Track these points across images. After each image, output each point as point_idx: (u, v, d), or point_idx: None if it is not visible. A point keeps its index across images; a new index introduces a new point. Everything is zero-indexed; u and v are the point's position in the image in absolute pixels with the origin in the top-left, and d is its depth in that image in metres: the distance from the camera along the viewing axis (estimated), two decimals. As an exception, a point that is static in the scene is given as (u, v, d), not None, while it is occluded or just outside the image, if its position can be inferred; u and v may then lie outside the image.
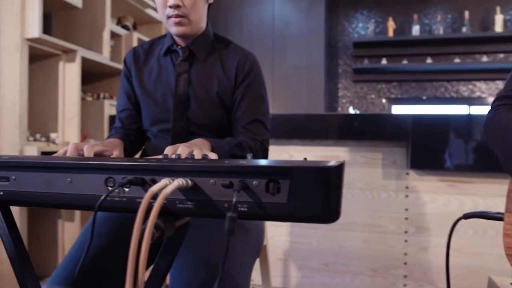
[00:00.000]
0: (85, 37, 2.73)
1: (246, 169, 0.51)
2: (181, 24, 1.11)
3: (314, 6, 4.53)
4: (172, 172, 0.53)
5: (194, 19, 1.13)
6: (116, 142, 1.08)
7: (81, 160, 0.59)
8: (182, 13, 1.10)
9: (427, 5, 4.81)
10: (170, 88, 1.18)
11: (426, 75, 4.79)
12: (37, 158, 0.62)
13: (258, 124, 1.18)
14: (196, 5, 1.12)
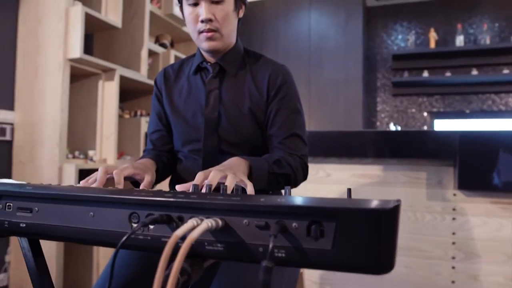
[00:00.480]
0: (124, 55, 2.79)
1: (284, 209, 0.45)
2: (213, 39, 1.08)
3: (352, 19, 4.43)
4: (201, 210, 0.48)
5: (226, 33, 1.09)
6: (148, 164, 1.04)
7: (104, 193, 0.55)
8: (214, 27, 1.06)
9: (471, 14, 4.59)
10: (200, 106, 1.14)
11: (471, 88, 4.54)
12: (60, 190, 0.59)
13: (296, 138, 1.12)
14: (228, 19, 1.08)
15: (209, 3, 1.04)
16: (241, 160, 0.93)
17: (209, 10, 1.04)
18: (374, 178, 2.28)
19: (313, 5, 4.56)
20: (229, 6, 1.07)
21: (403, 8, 4.83)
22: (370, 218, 0.42)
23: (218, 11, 1.05)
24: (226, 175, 0.76)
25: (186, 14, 1.10)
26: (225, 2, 1.06)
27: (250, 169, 0.92)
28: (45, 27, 2.31)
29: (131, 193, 0.53)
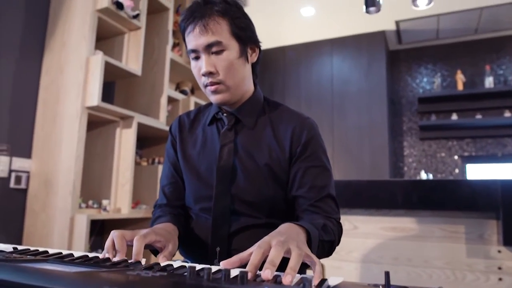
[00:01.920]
0: (144, 102, 2.77)
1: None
2: (218, 92, 0.98)
3: (374, 62, 4.37)
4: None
5: (233, 84, 0.99)
6: (170, 229, 0.93)
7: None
8: (217, 80, 0.97)
9: (499, 54, 4.45)
10: (215, 160, 1.03)
11: (505, 130, 4.31)
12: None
13: (329, 200, 1.00)
14: (231, 69, 0.98)
15: (208, 54, 0.96)
16: (298, 228, 0.80)
17: (208, 63, 0.96)
18: (406, 231, 2.08)
19: (335, 49, 4.54)
20: (231, 55, 0.97)
21: (427, 51, 4.75)
22: None
23: (219, 62, 0.96)
24: (289, 249, 0.64)
25: (191, 68, 1.02)
26: (225, 50, 0.96)
27: (309, 238, 0.80)
28: (66, 76, 2.33)
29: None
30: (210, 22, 0.94)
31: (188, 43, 0.98)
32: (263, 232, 0.97)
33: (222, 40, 0.95)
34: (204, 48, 0.95)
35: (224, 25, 0.96)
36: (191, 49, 0.97)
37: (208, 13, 0.94)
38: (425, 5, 2.49)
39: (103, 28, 2.45)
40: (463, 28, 4.27)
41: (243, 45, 1.00)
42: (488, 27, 4.23)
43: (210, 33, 0.94)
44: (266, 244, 0.65)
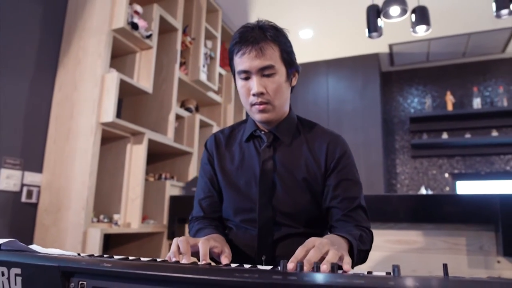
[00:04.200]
0: (152, 119, 2.84)
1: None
2: (265, 111, 1.07)
3: (369, 83, 4.55)
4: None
5: (278, 105, 1.08)
6: (222, 237, 1.01)
7: (194, 274, 0.51)
8: (266, 100, 1.06)
9: (486, 77, 4.69)
10: (254, 175, 1.11)
11: (493, 149, 4.50)
12: (147, 268, 0.54)
13: (361, 211, 1.08)
14: (280, 91, 1.07)
15: (260, 76, 1.04)
16: (341, 238, 0.90)
17: (260, 84, 1.04)
18: (410, 244, 2.18)
19: (331, 70, 4.70)
20: (280, 78, 1.06)
21: (417, 73, 4.96)
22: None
23: (270, 84, 1.05)
24: (327, 251, 0.73)
25: (238, 87, 1.10)
26: (276, 74, 1.05)
27: (350, 248, 0.90)
28: (80, 92, 2.39)
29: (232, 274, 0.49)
30: (265, 47, 1.03)
31: (239, 64, 1.05)
32: (301, 241, 1.06)
33: (275, 64, 1.04)
34: (257, 70, 1.03)
35: (276, 50, 1.05)
36: (243, 70, 1.05)
37: (262, 38, 1.03)
38: (423, 32, 2.66)
39: (116, 47, 2.54)
40: (452, 52, 4.50)
41: (289, 69, 1.10)
42: (475, 51, 4.47)
43: (265, 57, 1.03)
44: (310, 244, 0.75)
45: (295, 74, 1.14)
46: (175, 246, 0.83)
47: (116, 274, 0.56)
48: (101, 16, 2.42)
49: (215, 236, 1.00)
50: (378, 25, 2.63)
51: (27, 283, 0.61)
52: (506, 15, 2.41)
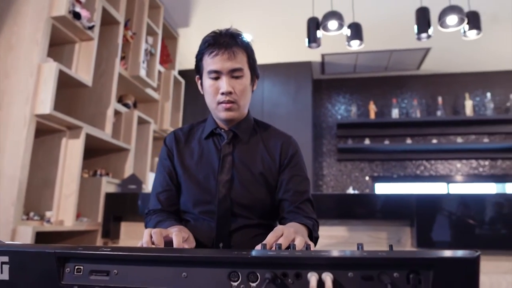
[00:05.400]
0: (89, 113, 2.74)
1: (385, 261, 0.51)
2: (231, 110, 1.16)
3: (301, 89, 4.80)
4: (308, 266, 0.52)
5: (242, 105, 1.19)
6: (187, 230, 1.06)
7: (198, 253, 0.57)
8: (233, 99, 1.15)
9: (403, 90, 5.21)
10: (213, 169, 1.19)
11: (407, 155, 5.02)
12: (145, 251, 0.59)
13: (309, 204, 1.20)
14: (245, 92, 1.18)
15: (229, 77, 1.14)
16: (302, 226, 1.01)
17: (229, 84, 1.14)
18: (340, 239, 2.39)
19: (266, 74, 4.88)
20: (246, 81, 1.18)
21: (345, 83, 5.34)
22: (463, 266, 0.50)
23: (237, 85, 1.15)
24: (294, 239, 0.81)
25: (206, 86, 1.17)
26: (244, 77, 1.16)
27: (310, 234, 1.01)
28: (12, 81, 2.24)
29: (230, 252, 0.56)
30: (236, 51, 1.13)
31: (211, 64, 1.14)
32: (255, 231, 1.17)
33: (243, 68, 1.15)
34: (228, 71, 1.13)
35: (245, 56, 1.17)
36: (214, 70, 1.13)
37: (234, 43, 1.13)
38: (357, 46, 2.92)
39: (54, 35, 2.41)
40: (376, 66, 4.94)
41: (253, 75, 1.22)
42: (396, 66, 4.95)
43: (236, 60, 1.13)
44: (279, 231, 0.85)
45: (256, 80, 1.26)
46: (147, 237, 0.87)
47: (114, 257, 0.60)
48: (39, 1, 2.29)
49: (182, 227, 1.05)
50: (317, 37, 2.83)
51: (17, 271, 0.62)
52: (425, 38, 2.75)
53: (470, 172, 4.96)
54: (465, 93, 4.97)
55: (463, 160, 4.98)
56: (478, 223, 2.17)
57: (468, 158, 4.96)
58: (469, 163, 4.98)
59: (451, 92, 5.11)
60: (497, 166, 4.91)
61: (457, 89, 5.09)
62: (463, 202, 2.23)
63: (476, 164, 4.96)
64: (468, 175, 4.97)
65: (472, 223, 2.17)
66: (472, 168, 4.96)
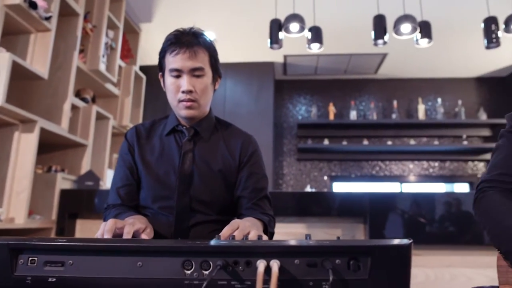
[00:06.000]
0: (44, 107, 2.65)
1: (329, 248, 0.56)
2: (192, 108, 1.18)
3: (263, 89, 4.86)
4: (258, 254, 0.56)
5: (203, 103, 1.21)
6: (146, 219, 1.07)
7: (153, 243, 0.59)
8: (193, 97, 1.17)
9: (361, 93, 5.41)
10: (173, 166, 1.20)
11: (363, 155, 5.21)
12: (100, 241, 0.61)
13: (266, 201, 1.24)
14: (206, 91, 1.20)
15: (190, 76, 1.16)
16: (257, 220, 1.05)
17: (190, 83, 1.16)
18: (297, 235, 2.46)
19: (229, 73, 4.90)
20: (208, 80, 1.20)
21: (306, 84, 5.47)
22: (398, 252, 0.55)
23: (198, 84, 1.17)
24: (249, 232, 0.86)
25: (167, 84, 1.19)
26: (205, 76, 1.18)
27: (266, 228, 1.05)
28: (-41, 71, 2.12)
29: (184, 242, 0.58)
30: (198, 51, 1.15)
31: (173, 63, 1.15)
32: (213, 226, 1.20)
33: (204, 67, 1.17)
34: (189, 70, 1.15)
35: (207, 55, 1.18)
36: (175, 68, 1.15)
37: (196, 42, 1.15)
38: (317, 49, 3.01)
39: (7, 25, 2.32)
40: (336, 68, 5.09)
41: (214, 74, 1.24)
42: (354, 70, 5.14)
43: (197, 59, 1.15)
44: (235, 224, 0.89)
45: (218, 79, 1.28)
46: (102, 230, 0.86)
47: (69, 248, 0.60)
48: (-9, -12, 2.19)
49: (139, 216, 1.07)
50: (279, 38, 2.90)
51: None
52: (381, 44, 2.89)
53: (421, 172, 5.23)
54: (418, 98, 5.23)
55: (415, 161, 5.24)
56: (427, 220, 2.31)
57: (420, 159, 5.23)
58: (420, 164, 5.25)
59: (406, 97, 5.36)
60: (445, 167, 5.22)
61: (411, 94, 5.35)
62: (412, 201, 2.37)
63: (427, 165, 5.24)
64: (419, 175, 5.24)
65: (420, 220, 2.31)
66: (423, 169, 5.23)
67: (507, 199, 0.89)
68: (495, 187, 0.92)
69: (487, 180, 0.95)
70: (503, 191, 0.91)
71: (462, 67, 5.03)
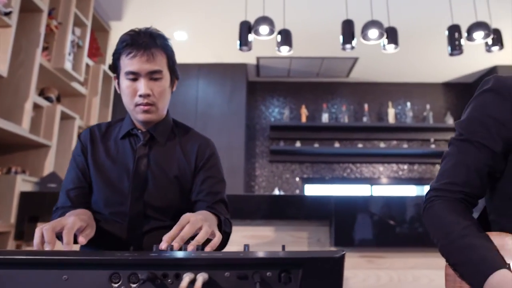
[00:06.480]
0: (4, 106, 2.55)
1: (260, 260, 0.55)
2: (149, 112, 1.15)
3: (236, 90, 4.85)
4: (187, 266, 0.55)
5: (161, 107, 1.18)
6: (89, 214, 1.05)
7: (80, 255, 0.57)
8: (151, 101, 1.14)
9: (333, 96, 5.47)
10: (127, 170, 1.17)
11: (335, 158, 5.27)
12: (23, 254, 0.58)
13: (222, 204, 1.22)
14: (164, 94, 1.17)
15: (148, 79, 1.13)
16: (212, 214, 1.01)
17: (147, 86, 1.12)
18: (263, 238, 2.46)
19: (202, 74, 4.87)
20: (166, 83, 1.17)
21: (279, 86, 5.49)
22: (329, 264, 0.55)
23: (156, 87, 1.14)
24: (201, 226, 0.83)
25: (123, 87, 1.15)
26: (163, 79, 1.15)
27: (220, 224, 1.01)
28: None
29: (112, 254, 0.57)
30: (155, 53, 1.12)
31: (129, 65, 1.11)
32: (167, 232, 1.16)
33: (162, 70, 1.14)
34: (146, 73, 1.12)
35: (164, 57, 1.16)
36: (131, 71, 1.11)
37: (153, 44, 1.12)
38: (286, 52, 3.02)
39: (-36, 20, 2.22)
40: (308, 71, 5.13)
41: (172, 76, 1.21)
42: (327, 73, 5.19)
43: (155, 62, 1.12)
44: (185, 220, 0.87)
45: (175, 81, 1.26)
46: (38, 238, 0.82)
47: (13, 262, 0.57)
48: None
49: (82, 212, 1.03)
50: (248, 40, 2.89)
51: None
52: (349, 49, 2.93)
53: (391, 175, 5.34)
54: (389, 102, 5.34)
55: (385, 163, 5.35)
56: (390, 223, 2.35)
57: (390, 162, 5.33)
58: (390, 166, 5.35)
59: (376, 100, 5.46)
60: (414, 170, 5.34)
61: (381, 98, 5.46)
62: (376, 204, 2.41)
63: (396, 167, 5.36)
64: (389, 178, 5.34)
65: (384, 223, 2.35)
66: (393, 172, 5.34)
67: (454, 209, 0.89)
68: (442, 196, 0.92)
69: (435, 188, 0.95)
70: (450, 200, 0.91)
71: (431, 73, 5.17)
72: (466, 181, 0.91)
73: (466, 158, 0.92)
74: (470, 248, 0.80)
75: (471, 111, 0.94)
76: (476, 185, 0.91)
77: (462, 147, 0.94)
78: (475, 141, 0.91)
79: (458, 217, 0.86)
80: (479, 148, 0.90)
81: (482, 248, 0.79)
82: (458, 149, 0.95)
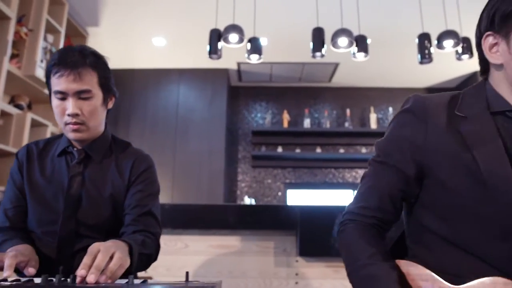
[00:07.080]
0: (-32, 115, 2.53)
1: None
2: (78, 131, 1.14)
3: (217, 95, 4.85)
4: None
5: (92, 126, 1.17)
6: (30, 249, 1.04)
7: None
8: (80, 120, 1.13)
9: (316, 101, 5.48)
10: (62, 189, 1.17)
11: (317, 163, 5.28)
12: None
13: (150, 217, 1.19)
14: (95, 113, 1.16)
15: (76, 99, 1.11)
16: (122, 242, 0.98)
17: (76, 106, 1.11)
18: (229, 248, 2.45)
19: (183, 79, 4.86)
20: (97, 101, 1.15)
21: (261, 91, 5.49)
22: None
23: (85, 106, 1.13)
24: (114, 252, 0.84)
25: (54, 106, 1.14)
26: (93, 98, 1.14)
27: (131, 251, 0.99)
28: None
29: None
30: (83, 72, 1.10)
31: (56, 85, 1.10)
32: None
33: (92, 89, 1.13)
34: (74, 93, 1.10)
35: (94, 76, 1.14)
36: (59, 90, 1.10)
37: (81, 63, 1.10)
38: (256, 60, 3.03)
39: None
40: (290, 76, 5.14)
41: (105, 94, 1.19)
42: (308, 78, 5.20)
43: (82, 82, 1.10)
44: (95, 249, 0.86)
45: (112, 98, 1.24)
46: None
47: None
48: None
49: (22, 247, 1.03)
50: (218, 48, 2.89)
51: None
52: (319, 57, 2.93)
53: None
54: (371, 107, 5.36)
55: (367, 169, 5.35)
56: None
57: (372, 167, 5.34)
58: (372, 171, 5.36)
59: (358, 105, 5.47)
60: (396, 175, 5.35)
61: (363, 103, 5.47)
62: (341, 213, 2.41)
63: (379, 172, 5.36)
64: (372, 183, 5.34)
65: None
66: (375, 176, 5.35)
67: (363, 235, 0.88)
68: (356, 220, 0.91)
69: (350, 212, 0.94)
70: (363, 225, 0.90)
71: (413, 78, 5.19)
72: (378, 206, 0.90)
73: (380, 181, 0.92)
74: (372, 279, 0.79)
75: (391, 130, 0.94)
76: (389, 211, 0.91)
77: (379, 169, 0.94)
78: (391, 164, 0.91)
79: (366, 244, 0.85)
80: (394, 172, 0.90)
81: (382, 279, 0.78)
82: (374, 171, 0.95)
